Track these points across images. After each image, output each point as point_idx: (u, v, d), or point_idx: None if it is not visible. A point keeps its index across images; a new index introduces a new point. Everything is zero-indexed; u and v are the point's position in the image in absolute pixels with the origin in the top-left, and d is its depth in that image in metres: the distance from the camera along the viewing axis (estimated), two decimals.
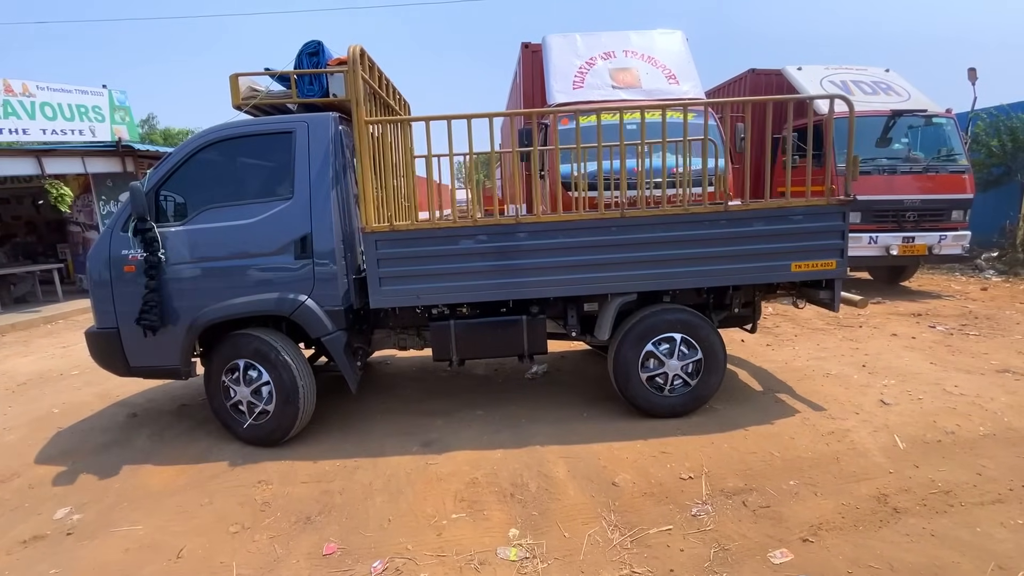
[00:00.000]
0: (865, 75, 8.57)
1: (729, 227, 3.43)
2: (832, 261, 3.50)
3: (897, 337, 5.47)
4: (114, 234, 3.45)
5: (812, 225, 3.47)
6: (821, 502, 2.71)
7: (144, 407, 4.47)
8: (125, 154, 10.92)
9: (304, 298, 3.40)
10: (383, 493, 3.00)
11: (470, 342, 3.66)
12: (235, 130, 3.48)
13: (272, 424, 3.51)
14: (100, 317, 3.54)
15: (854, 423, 3.48)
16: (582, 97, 6.38)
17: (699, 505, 2.75)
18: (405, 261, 3.42)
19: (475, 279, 3.45)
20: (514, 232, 3.41)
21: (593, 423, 3.70)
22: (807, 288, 3.85)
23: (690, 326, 3.61)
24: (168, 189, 3.45)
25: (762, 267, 3.50)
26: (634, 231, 3.42)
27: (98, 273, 3.47)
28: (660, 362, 3.60)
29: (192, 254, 3.41)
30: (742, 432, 3.45)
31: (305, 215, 3.36)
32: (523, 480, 3.05)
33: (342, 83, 3.44)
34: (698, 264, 3.47)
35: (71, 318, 9.07)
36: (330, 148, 3.40)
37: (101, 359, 3.63)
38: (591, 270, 3.45)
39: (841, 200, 3.47)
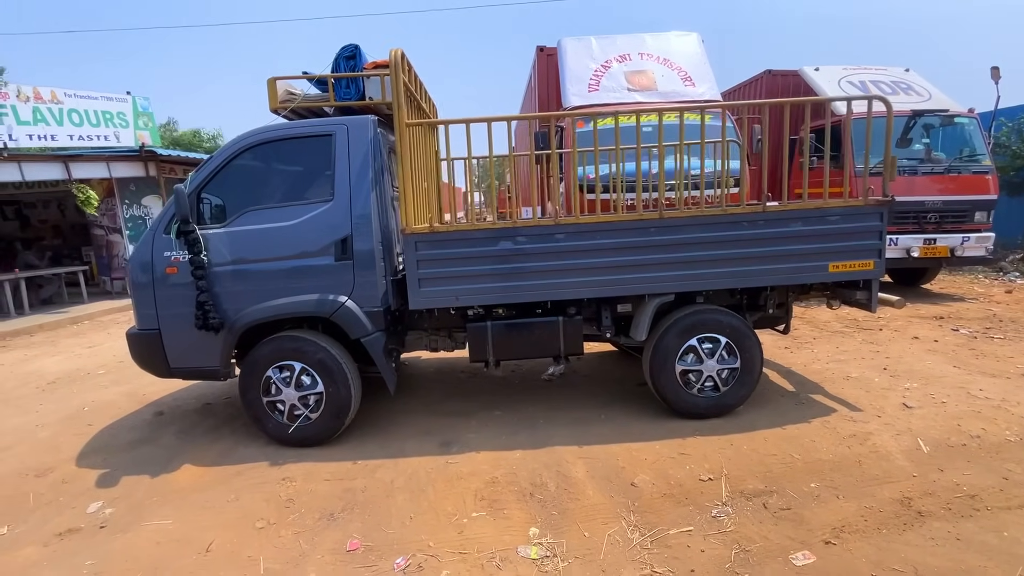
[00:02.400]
0: (885, 75, 8.46)
1: (767, 228, 3.45)
2: (870, 262, 3.51)
3: (919, 340, 5.39)
4: (156, 236, 3.50)
5: (850, 226, 3.48)
6: (843, 505, 2.69)
7: (170, 405, 4.58)
8: (148, 159, 11.19)
9: (344, 299, 3.43)
10: (404, 491, 3.05)
11: (507, 343, 3.68)
12: (275, 133, 3.52)
13: (313, 430, 3.55)
14: (141, 318, 3.57)
15: (876, 426, 3.45)
16: (597, 100, 6.40)
17: (719, 507, 2.75)
18: (444, 262, 3.45)
19: (514, 280, 3.47)
20: (553, 233, 3.43)
21: (611, 424, 3.72)
22: (842, 289, 3.85)
23: (737, 333, 3.61)
24: (209, 192, 3.50)
25: (800, 267, 3.51)
26: (672, 232, 3.44)
27: (140, 275, 3.51)
28: (699, 359, 3.61)
29: (233, 256, 3.44)
30: (761, 434, 3.44)
31: (345, 217, 3.40)
32: (542, 480, 3.08)
33: (378, 86, 3.51)
34: (736, 265, 3.48)
35: (96, 319, 9.31)
36: (369, 150, 3.44)
37: (142, 360, 3.67)
38: (629, 271, 3.47)
39: (879, 200, 3.46)
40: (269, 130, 3.54)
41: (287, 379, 3.51)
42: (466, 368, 5.18)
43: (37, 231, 14.02)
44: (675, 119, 4.30)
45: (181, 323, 3.46)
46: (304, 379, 3.51)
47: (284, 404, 3.53)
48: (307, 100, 3.65)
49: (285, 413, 3.54)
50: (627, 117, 4.10)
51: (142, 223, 11.78)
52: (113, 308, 9.89)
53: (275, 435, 3.60)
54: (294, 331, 3.57)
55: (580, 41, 7.03)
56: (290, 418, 3.54)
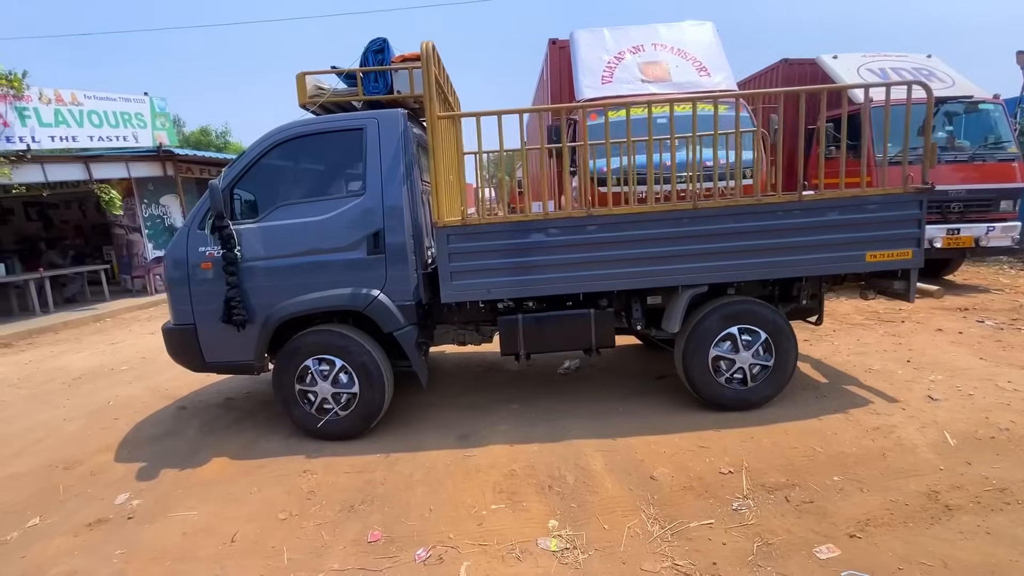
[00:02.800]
0: (905, 62, 8.26)
1: (803, 217, 3.40)
2: (908, 251, 3.45)
3: (943, 332, 5.27)
4: (191, 232, 3.53)
5: (888, 214, 3.41)
6: (868, 498, 2.65)
7: (192, 400, 4.67)
8: (165, 158, 11.36)
9: (377, 293, 3.45)
10: (423, 484, 3.07)
11: (538, 336, 3.66)
12: (306, 128, 3.53)
13: (340, 427, 3.58)
14: (177, 314, 3.61)
15: (900, 419, 3.39)
16: (611, 92, 6.34)
17: (740, 500, 2.73)
18: (476, 255, 3.44)
19: (546, 273, 3.45)
20: (585, 225, 3.41)
21: (629, 417, 3.70)
22: (877, 279, 3.79)
23: (778, 332, 3.56)
24: (242, 187, 3.53)
25: (837, 257, 3.45)
26: (707, 222, 3.40)
27: (175, 271, 3.54)
28: (735, 349, 3.57)
29: (266, 251, 3.46)
30: (782, 427, 3.40)
31: (377, 210, 3.41)
32: (560, 473, 3.08)
33: (407, 80, 3.51)
34: (772, 255, 3.43)
35: (118, 316, 9.50)
36: (400, 143, 3.44)
37: (177, 354, 3.71)
38: (663, 262, 3.44)
39: (919, 188, 3.39)
40: (300, 125, 3.55)
41: (325, 373, 3.52)
42: (483, 362, 5.20)
43: (60, 231, 14.35)
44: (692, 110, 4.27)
45: (215, 318, 3.51)
46: (342, 377, 3.53)
47: (316, 396, 3.55)
48: (336, 95, 3.66)
49: (315, 405, 3.56)
50: (642, 109, 4.06)
51: (160, 222, 11.98)
52: (134, 306, 10.09)
53: (300, 423, 3.62)
54: (339, 327, 3.57)
55: (593, 33, 6.96)
56: (319, 411, 3.57)
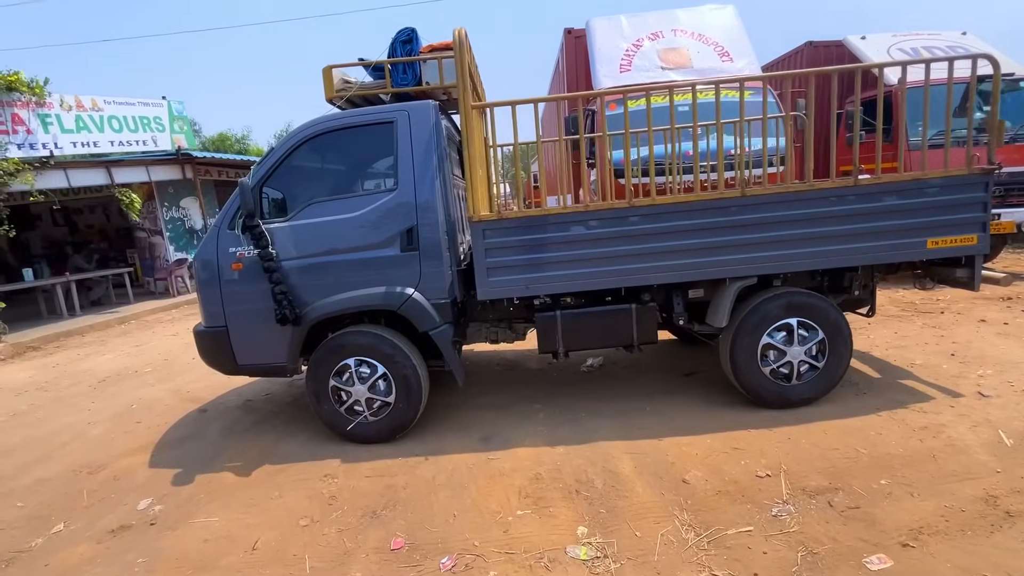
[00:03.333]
0: (939, 40, 7.88)
1: (859, 203, 3.22)
2: (973, 236, 3.26)
3: (986, 323, 5.01)
4: (221, 232, 3.45)
5: (951, 197, 3.22)
6: (919, 503, 2.48)
7: (213, 403, 4.66)
8: (184, 162, 11.48)
9: (411, 291, 3.36)
10: (446, 488, 2.98)
11: (577, 333, 3.54)
12: (335, 122, 3.42)
13: (366, 431, 3.51)
14: (208, 316, 3.53)
15: (950, 417, 3.19)
16: (630, 80, 6.15)
17: (780, 505, 2.58)
18: (514, 250, 3.33)
19: (587, 267, 3.33)
20: (627, 216, 3.28)
21: (656, 417, 3.56)
22: (937, 267, 3.60)
23: (836, 333, 3.40)
24: (271, 185, 3.44)
25: (895, 244, 3.28)
26: (756, 210, 3.24)
27: (206, 272, 3.46)
28: (789, 341, 3.40)
29: (297, 250, 3.38)
30: (821, 427, 3.23)
31: (410, 206, 3.32)
32: (588, 476, 2.96)
33: (436, 70, 3.40)
34: (826, 243, 3.27)
35: (141, 319, 9.64)
36: (432, 136, 3.34)
37: (209, 357, 3.64)
38: (711, 253, 3.30)
39: (984, 169, 3.20)
40: (328, 120, 3.46)
41: (364, 376, 3.43)
42: (503, 360, 5.10)
43: (85, 235, 14.65)
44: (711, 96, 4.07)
45: (248, 319, 3.45)
46: (380, 384, 3.45)
47: (349, 396, 3.47)
48: (363, 88, 3.56)
49: (345, 405, 3.49)
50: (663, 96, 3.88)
51: (181, 224, 12.13)
52: (157, 308, 10.23)
53: (326, 419, 3.55)
54: (379, 329, 3.49)
55: (610, 20, 6.78)
56: (348, 411, 3.50)
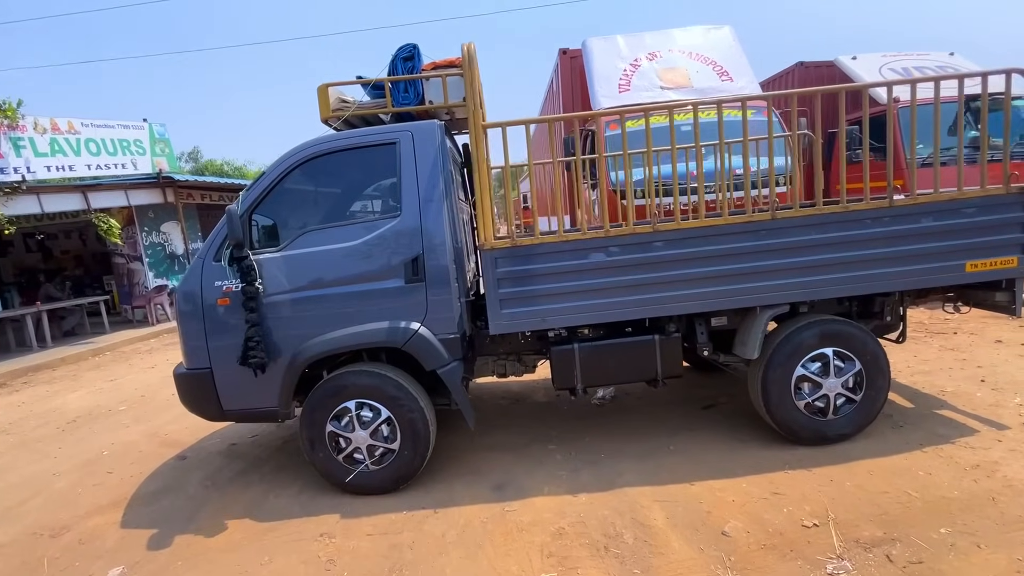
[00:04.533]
0: (928, 60, 7.97)
1: (893, 225, 3.09)
2: (1013, 258, 3.13)
3: (1004, 344, 4.87)
4: (205, 264, 3.16)
5: (989, 218, 3.10)
6: (989, 556, 2.24)
7: (193, 448, 4.27)
8: (166, 185, 11.11)
9: (417, 326, 3.08)
10: (458, 547, 2.66)
11: (597, 367, 3.31)
12: (332, 144, 3.18)
13: (366, 481, 3.17)
14: (191, 356, 3.22)
15: (1000, 453, 2.98)
16: (629, 100, 6.03)
17: (834, 560, 2.32)
18: (529, 280, 3.11)
19: (608, 296, 3.11)
20: (651, 242, 3.10)
21: (683, 457, 3.30)
22: (973, 291, 3.44)
23: (875, 366, 3.21)
24: (262, 212, 3.17)
25: (933, 268, 3.14)
26: (787, 234, 3.08)
27: (188, 307, 3.16)
28: (824, 372, 3.20)
29: (291, 283, 3.10)
30: (863, 466, 2.99)
31: (416, 233, 3.07)
32: (616, 530, 2.67)
33: (439, 88, 3.20)
34: (861, 268, 3.10)
35: (118, 349, 9.14)
36: (438, 157, 3.12)
37: (191, 403, 3.32)
38: (740, 280, 3.11)
39: (1022, 188, 3.09)
40: (325, 141, 3.21)
41: (366, 420, 3.12)
42: (507, 393, 4.80)
43: (60, 261, 14.08)
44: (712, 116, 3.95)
45: (236, 361, 3.13)
46: (384, 429, 3.14)
47: (347, 444, 3.15)
48: (362, 107, 3.33)
49: (344, 453, 3.16)
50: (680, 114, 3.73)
51: (161, 250, 11.70)
52: (135, 337, 9.74)
53: (322, 469, 3.21)
54: (377, 366, 3.20)
55: (606, 41, 6.69)
56: (348, 459, 3.17)
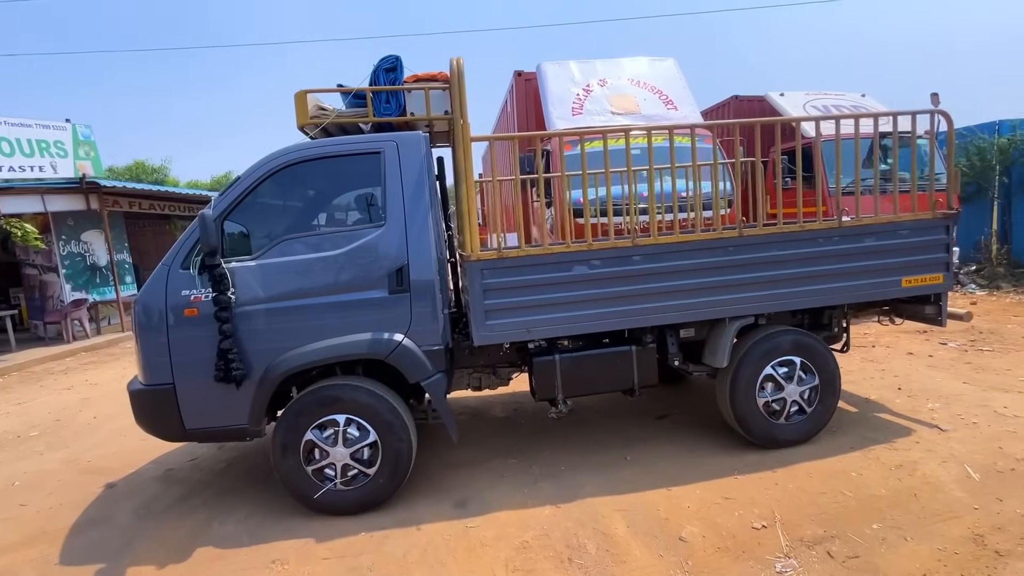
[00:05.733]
0: (844, 100, 8.84)
1: (843, 243, 3.38)
2: (939, 275, 3.49)
3: (915, 356, 5.39)
4: (171, 272, 2.98)
5: (920, 239, 3.46)
6: (915, 548, 2.46)
7: (123, 474, 3.92)
8: (89, 191, 10.27)
9: (400, 337, 3.02)
10: (421, 567, 2.60)
11: (577, 378, 3.38)
12: (315, 151, 3.10)
13: (333, 500, 3.04)
14: (150, 371, 3.00)
15: (919, 454, 3.28)
16: (582, 123, 6.27)
17: (782, 560, 2.47)
18: (514, 291, 3.14)
19: (590, 308, 3.20)
20: (631, 255, 3.22)
21: (640, 467, 3.40)
22: (906, 304, 3.82)
23: (829, 381, 3.49)
24: (236, 219, 3.02)
25: (876, 283, 3.45)
26: (752, 250, 3.30)
27: (150, 319, 2.96)
28: (789, 378, 3.44)
29: (267, 292, 2.97)
30: (804, 469, 3.21)
31: (400, 243, 3.03)
32: (579, 541, 2.71)
33: (422, 101, 3.22)
34: (817, 282, 3.37)
35: (26, 369, 8.27)
36: (423, 169, 3.12)
37: (148, 422, 3.09)
38: (712, 292, 3.29)
39: (946, 214, 3.47)
40: (307, 147, 3.12)
41: (350, 439, 3.00)
42: (465, 408, 4.76)
43: None
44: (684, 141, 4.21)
45: (202, 375, 2.93)
46: (365, 451, 3.02)
47: (323, 457, 3.00)
48: (343, 116, 3.28)
49: (315, 465, 3.00)
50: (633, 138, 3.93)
51: (81, 261, 10.77)
52: (47, 356, 8.84)
53: (286, 477, 3.03)
54: (356, 380, 3.08)
55: (560, 66, 6.96)
56: (317, 473, 3.02)
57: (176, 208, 13.67)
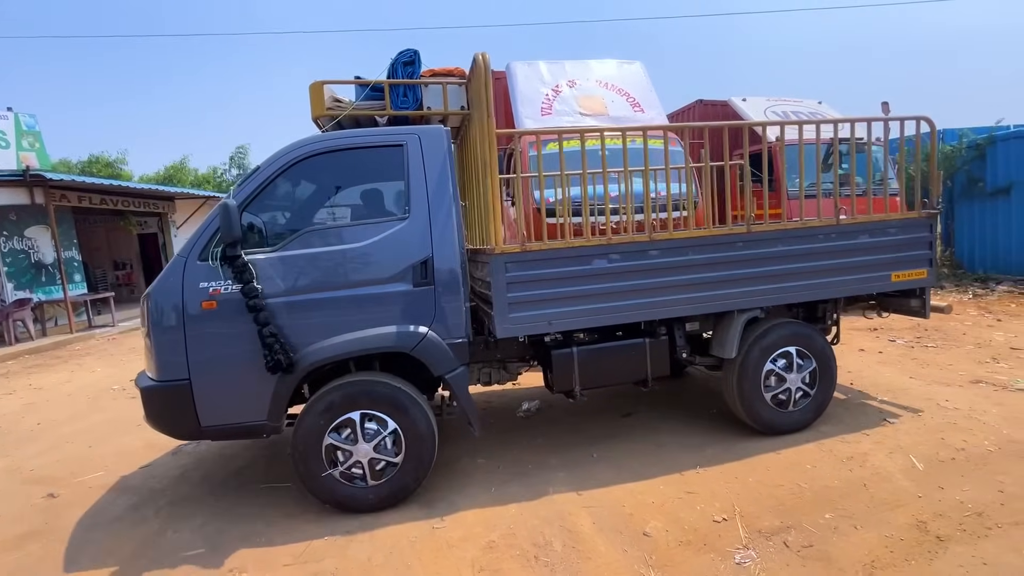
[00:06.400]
0: (802, 107, 9.18)
1: (841, 240, 3.58)
2: (924, 270, 3.75)
3: (866, 352, 5.65)
4: (188, 264, 2.88)
5: (907, 236, 3.71)
6: (864, 536, 2.58)
7: (67, 483, 3.72)
8: (34, 184, 9.71)
9: (425, 330, 3.02)
10: (386, 569, 2.56)
11: (593, 370, 3.43)
12: (338, 142, 3.09)
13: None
14: (164, 367, 2.90)
15: (869, 445, 3.44)
16: (551, 124, 6.29)
17: (741, 551, 2.54)
18: (536, 284, 3.18)
19: (609, 301, 3.28)
20: (647, 250, 3.32)
21: (606, 464, 3.44)
22: (891, 298, 4.06)
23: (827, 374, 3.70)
24: (254, 210, 2.97)
25: (869, 277, 3.67)
26: (759, 246, 3.46)
27: (165, 312, 2.86)
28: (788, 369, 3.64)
29: (287, 285, 2.92)
30: (762, 462, 3.31)
31: (425, 236, 3.03)
32: (546, 538, 2.72)
33: (439, 95, 3.22)
34: (818, 276, 3.57)
35: None
36: (446, 162, 3.13)
37: (161, 419, 2.98)
38: (722, 286, 3.43)
39: (930, 213, 3.74)
40: (328, 139, 3.09)
41: (370, 434, 2.96)
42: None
43: None
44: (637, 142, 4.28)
45: (219, 370, 2.87)
46: (388, 442, 2.99)
47: (342, 454, 2.95)
48: (360, 108, 3.26)
49: (337, 463, 2.96)
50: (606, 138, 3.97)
51: (25, 258, 10.18)
52: None
53: (310, 483, 2.97)
54: (374, 375, 3.07)
55: (530, 66, 6.95)
56: (345, 477, 2.99)
57: (131, 203, 13.08)
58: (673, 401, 4.51)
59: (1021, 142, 9.36)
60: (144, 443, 4.32)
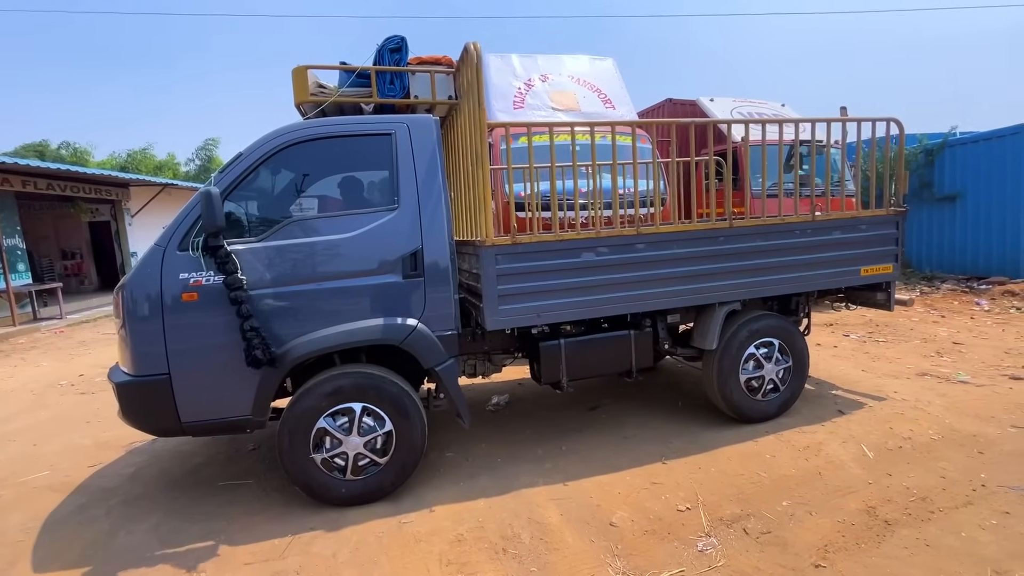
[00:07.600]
0: (766, 108, 9.46)
1: (816, 235, 3.75)
2: (890, 265, 3.97)
3: (822, 347, 5.88)
4: (167, 254, 2.76)
5: (875, 233, 3.89)
6: (818, 521, 2.69)
7: (9, 483, 3.51)
8: None
9: (414, 323, 2.98)
10: (351, 566, 2.52)
11: (580, 361, 3.49)
12: (323, 129, 2.98)
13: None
14: (140, 361, 2.77)
15: (823, 435, 3.58)
16: (524, 118, 6.28)
17: (703, 538, 2.61)
18: (526, 276, 3.19)
19: (596, 293, 3.32)
20: (634, 244, 3.38)
21: (574, 456, 3.47)
22: (858, 292, 4.27)
23: (799, 367, 3.91)
24: (237, 198, 2.88)
25: (840, 271, 3.85)
26: (740, 240, 3.57)
27: (142, 305, 2.74)
28: (768, 359, 3.79)
29: (272, 276, 2.84)
30: (724, 453, 3.41)
31: (415, 227, 2.99)
32: (514, 531, 2.73)
33: (426, 84, 3.16)
34: (794, 271, 3.72)
35: None
36: (435, 152, 3.08)
37: (138, 415, 2.86)
38: (705, 279, 3.53)
39: (897, 211, 3.92)
40: (314, 126, 2.96)
41: (366, 429, 2.92)
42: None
43: None
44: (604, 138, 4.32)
45: (201, 364, 2.76)
46: (379, 441, 2.96)
47: (330, 441, 2.90)
48: (345, 95, 3.14)
49: (322, 448, 2.91)
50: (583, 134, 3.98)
51: None
52: None
53: (288, 461, 2.90)
54: (398, 380, 3.04)
55: (503, 58, 6.91)
56: (325, 464, 2.93)
57: (81, 189, 12.41)
58: (640, 394, 4.59)
59: (966, 148, 9.91)
60: (94, 441, 4.12)
